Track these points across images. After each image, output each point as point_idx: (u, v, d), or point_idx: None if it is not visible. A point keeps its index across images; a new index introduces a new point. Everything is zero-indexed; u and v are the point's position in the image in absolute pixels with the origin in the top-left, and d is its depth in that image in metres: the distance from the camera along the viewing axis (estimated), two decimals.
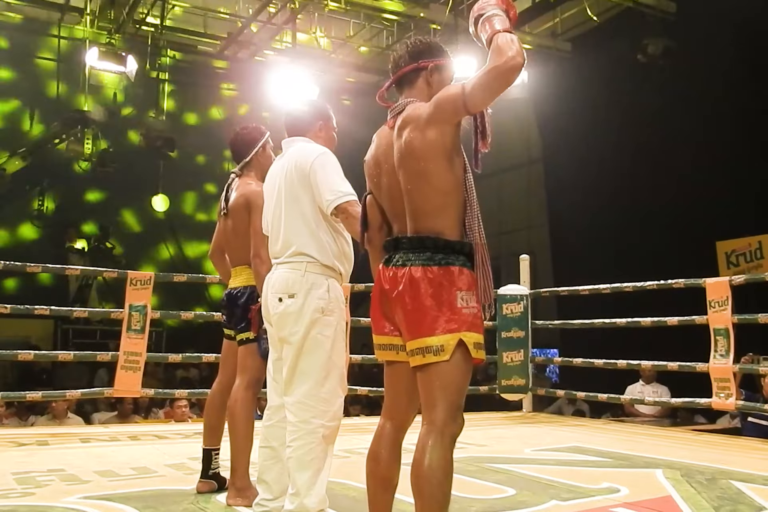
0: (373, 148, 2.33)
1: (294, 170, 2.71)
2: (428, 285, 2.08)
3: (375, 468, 2.21)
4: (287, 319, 2.64)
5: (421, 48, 2.27)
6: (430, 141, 2.10)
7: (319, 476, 2.54)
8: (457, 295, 2.09)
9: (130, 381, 5.22)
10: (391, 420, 2.25)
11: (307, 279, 2.64)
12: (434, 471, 1.99)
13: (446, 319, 2.07)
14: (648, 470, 3.90)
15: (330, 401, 2.59)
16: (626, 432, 5.67)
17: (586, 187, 10.09)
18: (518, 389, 6.45)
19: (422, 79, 2.25)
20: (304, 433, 2.55)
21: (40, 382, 9.35)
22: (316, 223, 2.68)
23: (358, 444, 4.37)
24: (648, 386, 7.27)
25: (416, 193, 2.14)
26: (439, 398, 2.07)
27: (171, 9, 11.05)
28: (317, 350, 2.60)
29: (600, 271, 8.03)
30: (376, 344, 2.28)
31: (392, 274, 2.16)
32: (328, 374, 2.60)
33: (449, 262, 2.10)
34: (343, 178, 2.68)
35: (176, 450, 4.46)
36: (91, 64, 9.49)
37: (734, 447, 4.93)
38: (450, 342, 2.06)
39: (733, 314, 5.10)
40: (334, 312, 2.65)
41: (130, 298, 5.29)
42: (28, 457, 4.15)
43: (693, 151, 8.60)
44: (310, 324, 2.60)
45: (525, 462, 4.15)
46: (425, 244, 2.12)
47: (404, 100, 2.25)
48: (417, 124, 2.12)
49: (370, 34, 11.90)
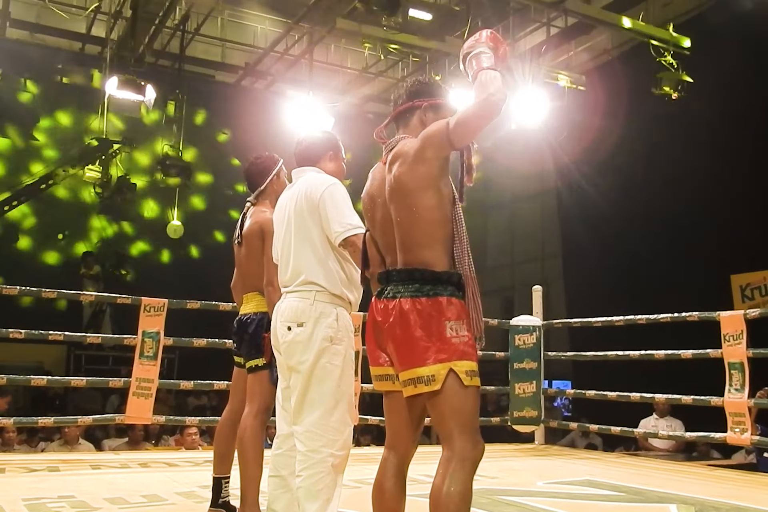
0: (368, 184, 2.42)
1: (304, 200, 2.74)
2: (417, 316, 2.13)
3: (380, 500, 2.22)
4: (296, 348, 2.66)
5: (418, 88, 2.36)
6: (417, 175, 2.17)
7: (328, 506, 2.53)
8: (446, 325, 2.13)
9: (142, 408, 5.22)
10: (394, 451, 2.27)
11: (316, 308, 2.66)
12: (453, 496, 2.01)
13: (436, 349, 2.11)
14: (661, 505, 3.85)
15: (339, 430, 2.59)
16: (640, 466, 5.61)
17: (600, 219, 10.11)
18: (530, 421, 6.40)
19: (417, 117, 2.34)
20: (313, 462, 2.54)
21: (53, 408, 9.35)
22: (324, 252, 2.71)
23: (369, 475, 4.31)
24: (662, 420, 7.19)
25: (406, 225, 2.20)
26: (452, 427, 2.10)
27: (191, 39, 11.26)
28: (326, 379, 2.61)
29: (614, 303, 7.99)
30: (374, 375, 2.33)
31: (383, 306, 2.22)
32: (337, 403, 2.60)
33: (437, 293, 2.15)
34: (352, 210, 2.71)
35: (186, 477, 4.45)
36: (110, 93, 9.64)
37: (749, 482, 4.86)
38: (440, 371, 2.10)
39: (748, 348, 5.06)
40: (342, 340, 2.66)
41: (143, 325, 5.31)
42: (38, 483, 4.14)
43: (708, 184, 8.60)
44: (319, 353, 2.62)
45: (537, 495, 4.11)
46: (414, 275, 2.18)
47: (398, 136, 2.34)
48: (405, 158, 2.20)
49: (386, 66, 12.06)
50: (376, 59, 11.58)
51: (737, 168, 8.39)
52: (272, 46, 11.03)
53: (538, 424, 6.48)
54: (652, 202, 9.39)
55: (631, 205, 9.62)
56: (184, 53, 11.23)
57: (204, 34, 11.51)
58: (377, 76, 12.23)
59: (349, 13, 9.61)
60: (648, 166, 9.45)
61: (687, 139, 8.91)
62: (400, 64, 12.14)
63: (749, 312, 5.20)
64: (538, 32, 10.77)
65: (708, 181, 8.62)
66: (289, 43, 11.13)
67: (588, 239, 10.50)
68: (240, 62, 12.06)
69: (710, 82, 8.78)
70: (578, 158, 10.65)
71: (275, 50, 11.14)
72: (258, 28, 11.80)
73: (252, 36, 11.86)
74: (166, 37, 11.08)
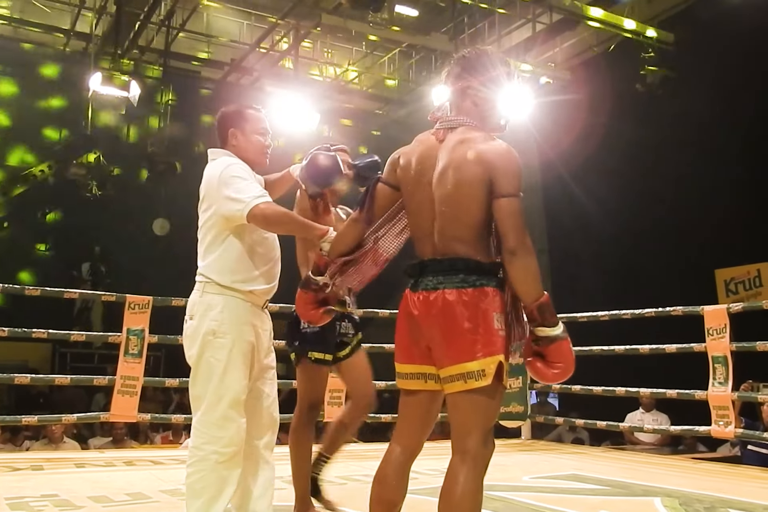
0: (414, 157, 2.21)
1: (202, 193, 2.66)
2: (464, 308, 2.02)
3: (381, 492, 2.14)
4: (185, 342, 2.64)
5: (464, 64, 2.22)
6: (476, 181, 2.07)
7: (214, 504, 2.47)
8: (494, 317, 2.04)
9: (127, 406, 5.18)
10: (402, 446, 2.17)
11: (204, 300, 2.59)
12: (466, 497, 1.97)
13: (485, 342, 2.02)
14: (646, 498, 3.86)
15: (224, 426, 2.50)
16: (625, 460, 5.63)
17: (586, 214, 10.14)
18: (517, 416, 6.41)
19: (469, 99, 2.20)
20: (195, 460, 2.50)
21: (37, 406, 9.29)
22: (217, 240, 2.60)
23: (355, 471, 4.33)
24: (648, 414, 7.24)
25: (451, 217, 2.10)
26: (475, 425, 2.03)
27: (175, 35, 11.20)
28: (209, 374, 2.54)
29: (599, 298, 8.03)
30: (401, 373, 2.18)
31: (422, 298, 2.09)
32: (219, 399, 2.51)
33: (483, 283, 2.05)
34: (249, 182, 2.57)
35: (171, 475, 4.41)
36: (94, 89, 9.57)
37: (734, 475, 4.89)
38: (491, 366, 2.01)
39: (731, 342, 5.09)
40: (227, 334, 2.55)
41: (127, 322, 5.28)
42: (22, 482, 4.11)
43: (693, 179, 8.65)
44: (202, 347, 2.55)
45: (523, 489, 4.11)
46: (457, 266, 2.07)
47: (458, 117, 2.20)
48: (468, 161, 2.08)
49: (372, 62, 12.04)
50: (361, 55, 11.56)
51: (722, 163, 8.43)
52: (258, 42, 10.98)
53: (524, 419, 6.49)
54: (637, 198, 9.43)
55: (617, 200, 9.66)
56: (169, 49, 11.15)
57: (189, 29, 11.44)
58: (363, 72, 12.21)
59: (335, 9, 9.59)
60: (633, 161, 9.48)
61: (672, 135, 8.95)
62: (386, 60, 12.12)
63: (732, 307, 5.23)
64: (524, 28, 10.77)
65: (693, 176, 8.67)
66: (275, 39, 11.09)
67: (574, 235, 10.54)
68: (225, 58, 12.00)
69: (695, 78, 8.83)
70: (564, 154, 10.68)
71: (261, 46, 11.09)
72: (244, 24, 11.74)
73: (237, 32, 11.80)
74: (151, 33, 11.00)
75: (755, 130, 8.27)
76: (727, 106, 8.41)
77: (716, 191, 8.47)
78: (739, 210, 8.41)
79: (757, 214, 8.37)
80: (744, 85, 8.30)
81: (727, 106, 8.40)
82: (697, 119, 8.57)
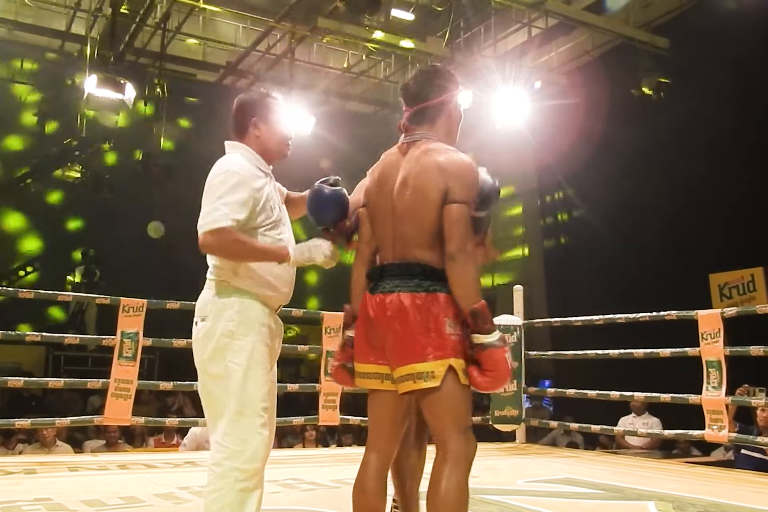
0: (379, 168, 2.31)
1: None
2: (417, 311, 2.09)
3: (362, 500, 2.20)
4: (196, 346, 2.39)
5: (441, 81, 2.28)
6: (434, 188, 2.13)
7: None
8: (445, 322, 2.09)
9: (121, 409, 5.17)
10: (376, 452, 2.24)
11: (218, 300, 2.36)
12: (451, 497, 2.02)
13: (435, 346, 2.08)
14: (640, 502, 3.86)
15: (246, 440, 2.25)
16: (619, 464, 5.63)
17: (581, 219, 10.17)
18: (511, 420, 6.41)
19: (444, 114, 2.28)
20: (214, 477, 2.25)
21: (30, 409, 9.24)
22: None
23: (349, 475, 4.29)
24: (639, 418, 7.25)
25: (409, 223, 2.16)
26: (447, 424, 2.10)
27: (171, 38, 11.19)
28: (227, 380, 2.29)
29: (594, 303, 8.04)
30: (360, 372, 2.25)
31: (379, 301, 2.16)
32: (243, 408, 2.27)
33: (437, 289, 2.11)
34: (226, 199, 2.27)
35: (165, 479, 4.41)
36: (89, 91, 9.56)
37: (727, 479, 4.89)
38: (440, 368, 2.07)
39: (725, 346, 5.10)
40: (247, 335, 2.32)
41: (122, 325, 5.26)
42: (14, 486, 4.08)
43: (687, 184, 8.68)
44: (218, 351, 2.31)
45: (517, 493, 4.11)
46: (413, 270, 2.14)
47: (422, 133, 2.26)
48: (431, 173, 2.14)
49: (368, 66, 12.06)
50: (357, 59, 11.58)
51: (717, 168, 8.45)
52: (254, 45, 10.99)
53: (519, 423, 6.49)
54: (632, 203, 9.46)
55: (612, 205, 9.69)
56: (164, 52, 11.15)
57: (185, 32, 11.44)
58: (359, 76, 12.23)
59: (331, 13, 9.60)
60: (628, 166, 9.51)
61: (667, 140, 8.98)
62: (382, 63, 12.14)
63: (726, 311, 5.24)
64: (520, 33, 10.80)
65: (687, 181, 8.69)
66: (270, 43, 11.10)
67: (569, 239, 10.56)
68: (221, 61, 12.01)
69: (690, 83, 8.85)
70: (560, 159, 10.71)
71: (257, 49, 11.10)
72: (239, 27, 11.76)
73: (233, 35, 11.82)
74: (146, 36, 11.00)
75: (750, 134, 8.30)
76: (721, 111, 8.44)
77: (711, 196, 8.50)
78: (734, 215, 8.43)
79: (751, 219, 8.40)
80: (738, 90, 8.34)
81: (722, 111, 8.43)
82: (692, 124, 8.60)
